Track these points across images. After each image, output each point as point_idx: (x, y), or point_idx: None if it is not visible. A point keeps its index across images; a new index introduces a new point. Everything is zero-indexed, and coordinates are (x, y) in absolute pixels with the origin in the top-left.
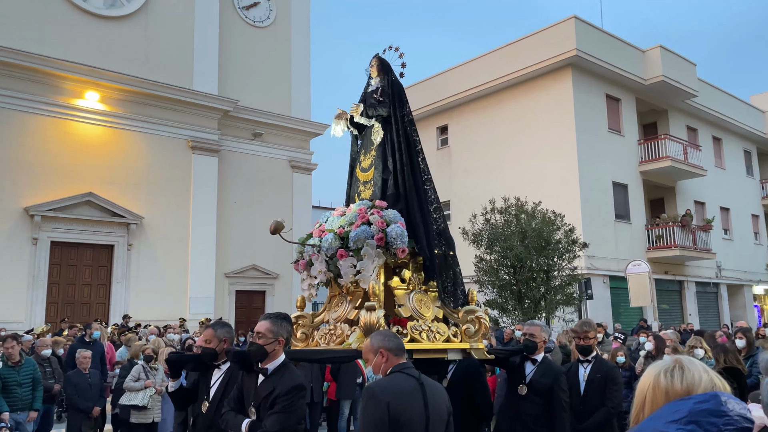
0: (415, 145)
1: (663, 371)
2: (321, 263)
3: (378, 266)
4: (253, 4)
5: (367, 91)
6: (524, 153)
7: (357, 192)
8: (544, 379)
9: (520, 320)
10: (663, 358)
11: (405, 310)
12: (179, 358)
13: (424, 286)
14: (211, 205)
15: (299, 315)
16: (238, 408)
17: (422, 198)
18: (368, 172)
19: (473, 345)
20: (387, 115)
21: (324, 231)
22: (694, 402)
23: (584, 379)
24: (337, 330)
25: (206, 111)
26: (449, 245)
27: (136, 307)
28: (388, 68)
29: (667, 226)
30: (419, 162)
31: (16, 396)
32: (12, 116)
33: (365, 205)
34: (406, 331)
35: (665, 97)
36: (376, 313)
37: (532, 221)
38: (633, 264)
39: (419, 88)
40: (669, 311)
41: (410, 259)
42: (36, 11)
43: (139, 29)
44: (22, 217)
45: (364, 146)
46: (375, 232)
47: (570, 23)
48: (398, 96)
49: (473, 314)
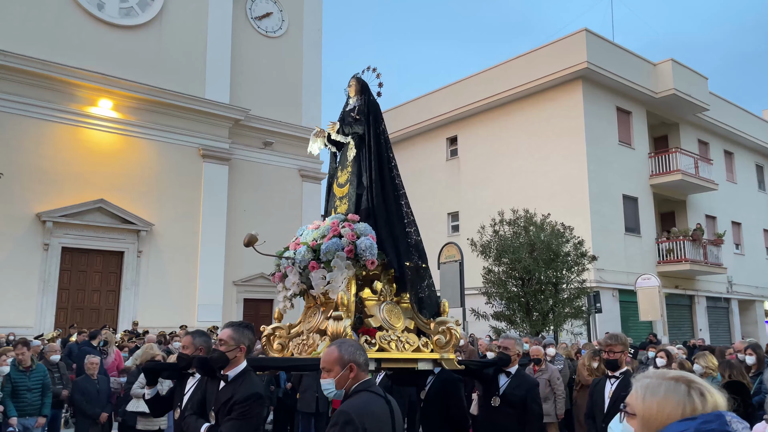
0: (389, 162)
1: (693, 395)
2: (294, 275)
3: (347, 277)
4: (266, 14)
5: (345, 110)
6: (534, 165)
7: (334, 207)
8: (518, 391)
9: (528, 333)
10: (648, 354)
11: (375, 320)
12: (155, 366)
13: (396, 298)
14: (220, 213)
15: (276, 326)
16: (200, 412)
17: (393, 212)
18: (344, 187)
19: (444, 355)
20: (363, 132)
21: (299, 244)
22: (700, 422)
23: (609, 396)
24: (309, 340)
25: (217, 120)
26: (422, 258)
27: (145, 313)
28: (366, 88)
29: (677, 239)
30: (393, 177)
31: (25, 401)
32: (26, 123)
33: (338, 219)
34: (375, 341)
35: (676, 111)
36: (343, 323)
37: (541, 233)
38: (643, 278)
39: (428, 99)
40: (679, 326)
41: (382, 271)
42: (51, 20)
43: (153, 38)
44: (34, 222)
45: (341, 163)
46: (345, 244)
47: (581, 36)
48: (374, 115)
49: (444, 325)
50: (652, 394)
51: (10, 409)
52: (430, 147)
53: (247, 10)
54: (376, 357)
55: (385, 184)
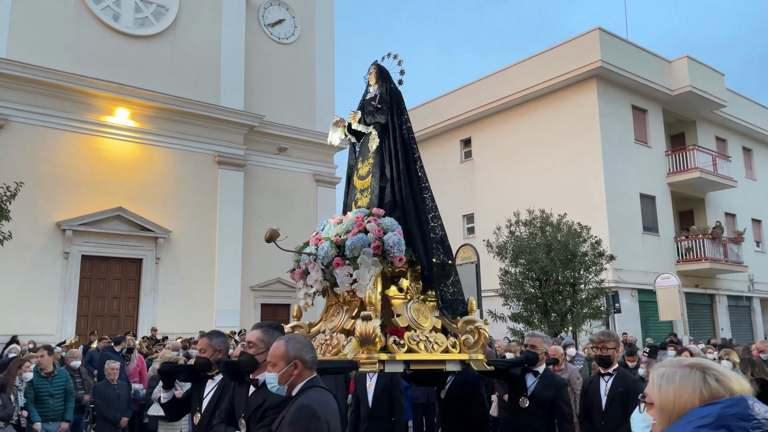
0: (413, 153)
1: (707, 380)
2: (317, 272)
3: (375, 275)
4: (279, 21)
5: (365, 99)
6: (549, 165)
7: (354, 200)
8: (546, 391)
9: (547, 334)
10: (667, 353)
11: (402, 320)
12: (172, 369)
13: (422, 296)
14: (237, 218)
15: (295, 325)
16: (228, 420)
17: (420, 206)
18: (365, 179)
19: (472, 356)
20: (385, 122)
21: (320, 239)
22: (722, 406)
23: (606, 393)
24: (333, 340)
25: (232, 126)
26: (448, 254)
27: (164, 320)
28: (387, 75)
29: (696, 238)
30: (417, 169)
31: (48, 406)
32: (46, 133)
33: (362, 213)
34: (404, 342)
35: (693, 108)
36: (372, 323)
37: (558, 233)
38: (662, 277)
39: (443, 101)
40: (700, 325)
41: (408, 268)
42: (69, 32)
43: (168, 47)
44: (54, 231)
45: (362, 154)
46: (372, 240)
47: (594, 35)
48: (396, 103)
49: (472, 324)
50: (668, 382)
51: (33, 414)
52: (444, 149)
53: (260, 17)
54: (405, 359)
55: (411, 176)
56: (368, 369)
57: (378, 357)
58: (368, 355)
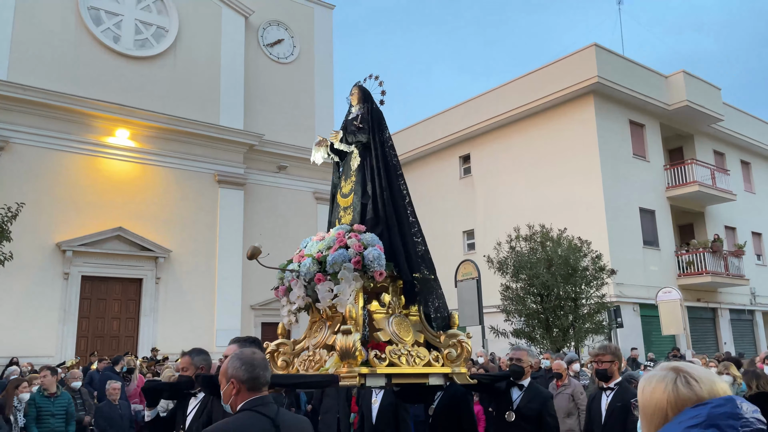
0: (396, 170)
1: (678, 383)
2: (299, 288)
3: (355, 290)
4: (278, 41)
5: (348, 119)
6: (548, 180)
7: (338, 218)
8: (532, 404)
9: (549, 349)
10: (655, 368)
11: (384, 334)
12: (155, 387)
13: (404, 310)
14: (237, 237)
15: (280, 342)
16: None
17: (402, 221)
18: (348, 197)
19: (455, 369)
20: (366, 141)
21: (303, 256)
22: (712, 406)
23: (605, 408)
24: (315, 356)
25: (232, 145)
26: (430, 269)
27: (165, 339)
28: (368, 96)
29: (697, 252)
30: (399, 186)
31: (48, 426)
32: (46, 155)
33: (344, 230)
34: (385, 355)
35: (690, 122)
36: (352, 337)
37: (558, 248)
38: (663, 291)
39: (440, 118)
40: (702, 339)
41: (390, 283)
42: (69, 53)
43: (168, 68)
44: (54, 252)
45: (345, 173)
46: (352, 255)
47: (590, 51)
48: (378, 122)
49: (455, 338)
50: (647, 384)
51: None
52: (443, 166)
53: (259, 37)
54: (386, 372)
55: (393, 192)
56: (349, 383)
57: (359, 371)
58: (349, 369)
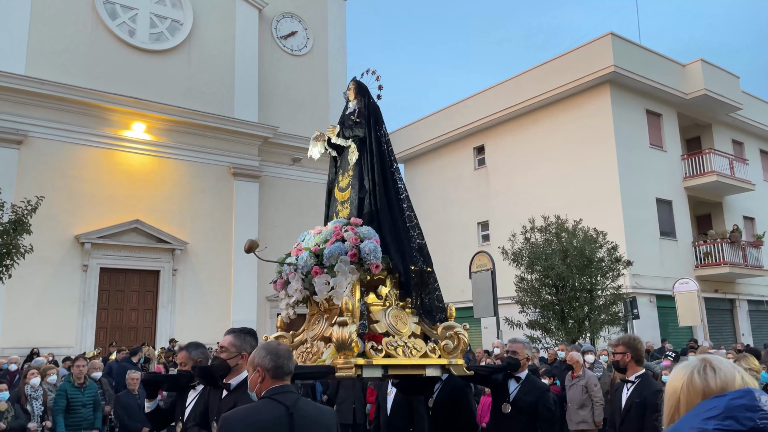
0: (391, 165)
1: (696, 371)
2: (297, 281)
3: (352, 282)
4: (291, 33)
5: (345, 114)
6: (563, 171)
7: (335, 212)
8: (528, 397)
9: (564, 341)
10: (688, 358)
11: (380, 326)
12: (154, 378)
13: (401, 303)
14: (252, 229)
15: (279, 335)
16: (202, 423)
17: (397, 215)
18: (345, 191)
19: (452, 361)
20: (363, 135)
21: (301, 249)
22: (729, 398)
23: (625, 401)
24: (313, 348)
25: (247, 138)
26: (427, 261)
27: (181, 330)
28: (365, 90)
29: (715, 242)
30: (395, 180)
31: (80, 416)
32: (64, 148)
33: (341, 223)
34: (381, 347)
35: (708, 111)
36: (348, 329)
37: (574, 239)
38: (680, 282)
39: (454, 110)
40: (720, 331)
41: (387, 276)
42: (85, 47)
43: (183, 61)
44: (73, 244)
45: (342, 167)
46: (348, 248)
47: (606, 40)
48: (374, 117)
49: (452, 330)
50: (674, 371)
51: (59, 425)
52: (457, 157)
53: (272, 29)
54: (382, 363)
55: (388, 186)
56: (345, 374)
57: (355, 362)
58: (345, 360)
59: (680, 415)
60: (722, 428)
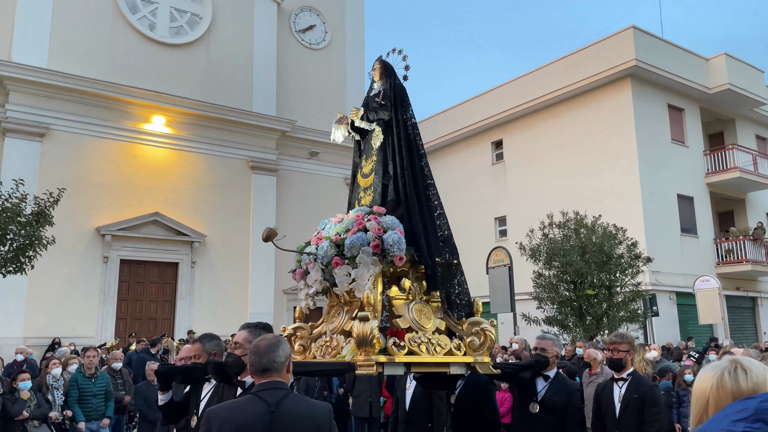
0: (418, 149)
1: (726, 372)
2: (317, 272)
3: (374, 274)
4: (309, 27)
5: (370, 96)
6: (582, 166)
7: (357, 198)
8: (558, 397)
9: (582, 338)
10: (709, 358)
11: (403, 321)
12: (168, 371)
13: (425, 296)
14: (269, 222)
15: (297, 326)
16: None
17: (423, 204)
18: (369, 177)
19: (478, 359)
20: (389, 118)
21: (321, 238)
22: (760, 400)
23: (619, 400)
24: (332, 342)
25: (265, 132)
26: (453, 253)
27: (199, 322)
28: (391, 71)
29: (737, 239)
30: (422, 166)
31: (90, 406)
32: (86, 141)
33: (363, 212)
34: (404, 343)
35: (732, 106)
36: (370, 324)
37: (593, 235)
38: (701, 279)
39: (473, 104)
40: (741, 329)
41: (411, 268)
42: (106, 41)
43: (202, 55)
44: (94, 236)
45: (366, 151)
46: (371, 239)
47: (628, 33)
48: (401, 99)
49: (478, 326)
50: (702, 372)
51: (78, 414)
52: (475, 152)
53: (291, 23)
54: (405, 361)
55: (415, 172)
56: (365, 371)
57: (376, 359)
58: (366, 357)
59: (709, 416)
60: (751, 430)
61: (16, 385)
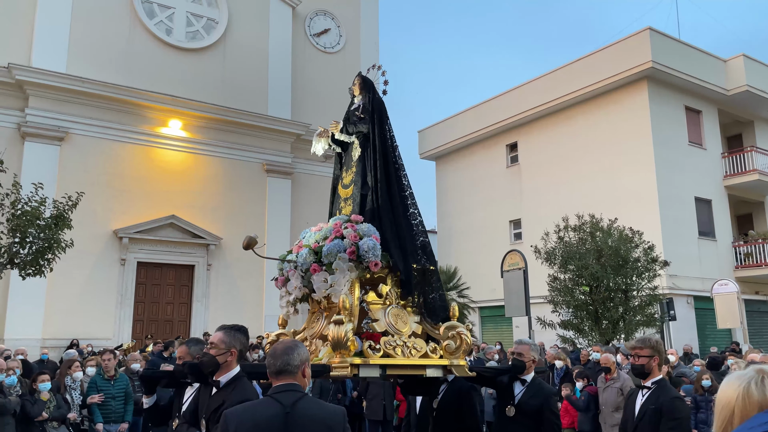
0: (395, 161)
1: (753, 382)
2: (297, 279)
3: (350, 280)
4: (324, 31)
5: (350, 109)
6: (598, 169)
7: (338, 209)
8: (533, 400)
9: (598, 342)
10: (744, 369)
11: (379, 325)
12: (153, 375)
13: (402, 301)
14: (284, 225)
15: (280, 333)
16: (192, 421)
17: (399, 212)
18: (349, 188)
19: (453, 362)
20: (367, 131)
21: (302, 246)
22: None
23: (639, 408)
24: (311, 346)
25: (280, 135)
26: (430, 259)
27: (215, 324)
28: (371, 86)
29: (756, 243)
30: (399, 177)
31: (109, 408)
32: (104, 145)
33: (341, 220)
34: (379, 346)
35: (750, 108)
36: (344, 327)
37: (609, 239)
38: (720, 283)
39: (487, 106)
40: (761, 333)
41: (388, 274)
42: (124, 46)
43: (218, 59)
44: (112, 239)
45: (346, 163)
46: (347, 245)
47: (645, 35)
48: (379, 113)
49: (454, 330)
50: (726, 381)
51: (96, 415)
52: (489, 154)
53: (305, 27)
54: (380, 363)
55: (390, 183)
56: (340, 372)
57: (351, 361)
58: (341, 359)
59: (734, 427)
60: None
61: (36, 386)
